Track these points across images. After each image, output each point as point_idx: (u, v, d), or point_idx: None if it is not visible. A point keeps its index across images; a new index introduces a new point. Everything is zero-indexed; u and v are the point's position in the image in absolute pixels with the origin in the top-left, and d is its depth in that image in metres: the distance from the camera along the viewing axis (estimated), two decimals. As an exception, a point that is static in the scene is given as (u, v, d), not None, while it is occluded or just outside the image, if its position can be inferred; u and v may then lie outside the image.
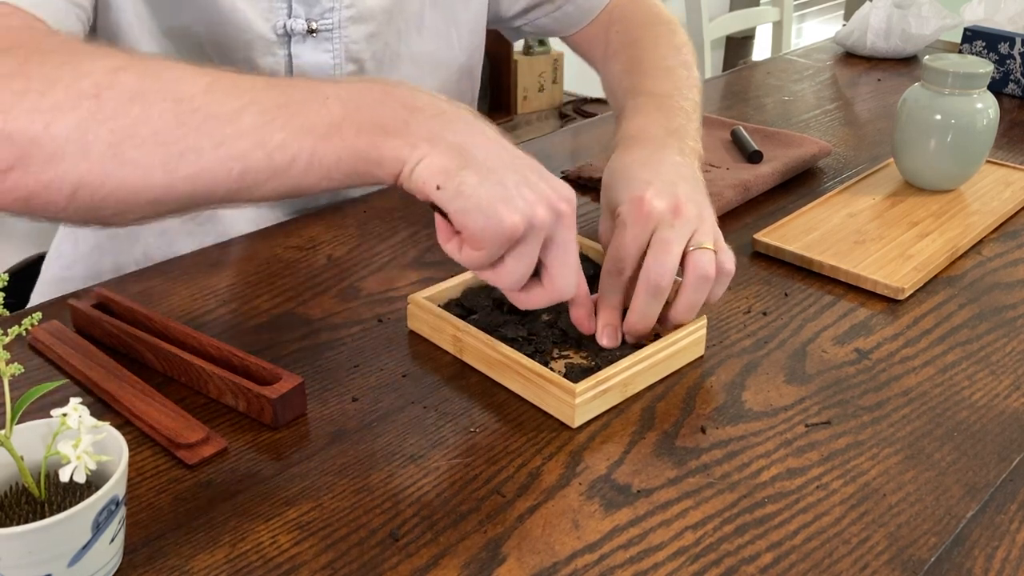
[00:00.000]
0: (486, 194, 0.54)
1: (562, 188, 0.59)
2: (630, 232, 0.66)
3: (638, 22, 0.97)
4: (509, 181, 0.55)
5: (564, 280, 0.60)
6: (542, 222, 0.56)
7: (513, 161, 0.57)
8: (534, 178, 0.57)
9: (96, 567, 0.49)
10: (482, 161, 0.55)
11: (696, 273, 0.64)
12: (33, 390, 0.49)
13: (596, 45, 1.01)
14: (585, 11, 1.00)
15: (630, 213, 0.66)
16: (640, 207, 0.66)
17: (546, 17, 1.02)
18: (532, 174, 0.58)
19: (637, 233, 0.65)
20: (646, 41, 0.93)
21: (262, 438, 0.61)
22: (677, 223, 0.65)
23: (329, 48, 0.85)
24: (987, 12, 1.42)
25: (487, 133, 0.58)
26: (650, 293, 0.64)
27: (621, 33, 0.97)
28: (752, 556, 0.52)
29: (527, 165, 0.58)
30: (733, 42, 3.41)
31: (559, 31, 1.04)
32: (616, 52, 0.95)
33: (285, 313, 0.75)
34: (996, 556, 0.52)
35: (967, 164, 0.94)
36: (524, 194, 0.55)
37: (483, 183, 0.54)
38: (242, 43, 0.82)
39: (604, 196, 0.72)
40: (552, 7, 1.01)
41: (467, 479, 0.58)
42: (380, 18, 0.88)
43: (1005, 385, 0.67)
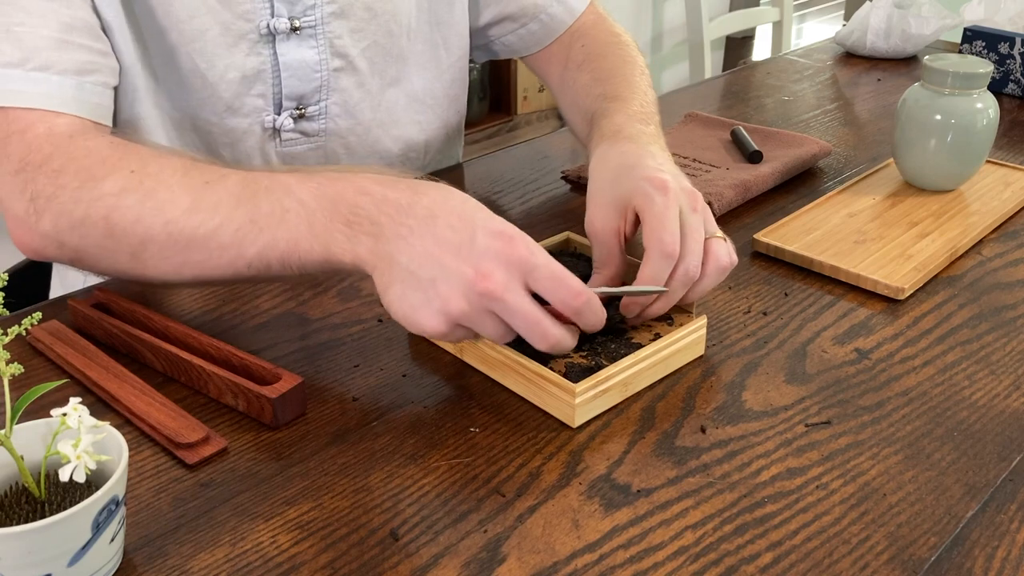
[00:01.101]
0: (407, 306, 0.59)
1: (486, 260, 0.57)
2: (669, 209, 0.65)
3: (603, 40, 0.98)
4: (424, 282, 0.58)
5: (535, 338, 0.59)
6: (461, 312, 0.57)
7: (434, 251, 0.58)
8: (455, 263, 0.57)
9: (96, 567, 0.49)
10: (404, 267, 0.59)
11: (717, 263, 0.67)
12: (33, 390, 0.49)
13: (555, 62, 1.02)
14: (551, 30, 1.01)
15: (656, 192, 0.66)
16: (666, 189, 0.66)
17: (511, 35, 1.02)
18: (454, 260, 0.58)
19: (673, 208, 0.66)
20: (613, 57, 0.95)
21: (262, 438, 0.61)
22: (697, 210, 0.67)
23: (314, 44, 0.86)
24: (987, 12, 1.42)
25: (415, 218, 0.59)
26: (684, 281, 0.65)
27: (587, 47, 0.98)
28: (752, 556, 0.52)
29: (452, 246, 0.58)
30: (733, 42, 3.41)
31: (523, 50, 1.04)
32: (581, 64, 0.96)
33: (285, 313, 0.75)
34: (996, 556, 0.52)
35: (967, 164, 0.94)
36: (440, 291, 0.58)
37: (404, 296, 0.59)
38: (225, 47, 0.82)
39: (603, 186, 0.72)
40: (516, 24, 1.01)
41: (467, 479, 0.58)
42: (362, 14, 0.88)
43: (1005, 385, 0.67)
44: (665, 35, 3.25)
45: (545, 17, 1.00)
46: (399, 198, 0.60)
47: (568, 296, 0.58)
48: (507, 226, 0.59)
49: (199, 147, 0.87)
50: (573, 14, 1.01)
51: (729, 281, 0.80)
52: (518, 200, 0.97)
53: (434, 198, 0.60)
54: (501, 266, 0.57)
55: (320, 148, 0.92)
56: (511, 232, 0.58)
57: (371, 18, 0.89)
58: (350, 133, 0.93)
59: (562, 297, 0.58)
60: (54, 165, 0.68)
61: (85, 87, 0.73)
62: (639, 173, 0.69)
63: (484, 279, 0.57)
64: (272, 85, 0.86)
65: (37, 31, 0.70)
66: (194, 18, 0.80)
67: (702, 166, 1.00)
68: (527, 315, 0.58)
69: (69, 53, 0.72)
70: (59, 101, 0.71)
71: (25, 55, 0.70)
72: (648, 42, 3.20)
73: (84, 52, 0.73)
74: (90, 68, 0.73)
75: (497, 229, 0.58)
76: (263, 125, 0.87)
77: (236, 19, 0.82)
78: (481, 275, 0.57)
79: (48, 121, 0.70)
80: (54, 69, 0.71)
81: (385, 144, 0.96)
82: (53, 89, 0.71)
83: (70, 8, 0.72)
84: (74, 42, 0.72)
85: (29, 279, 1.03)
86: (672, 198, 0.66)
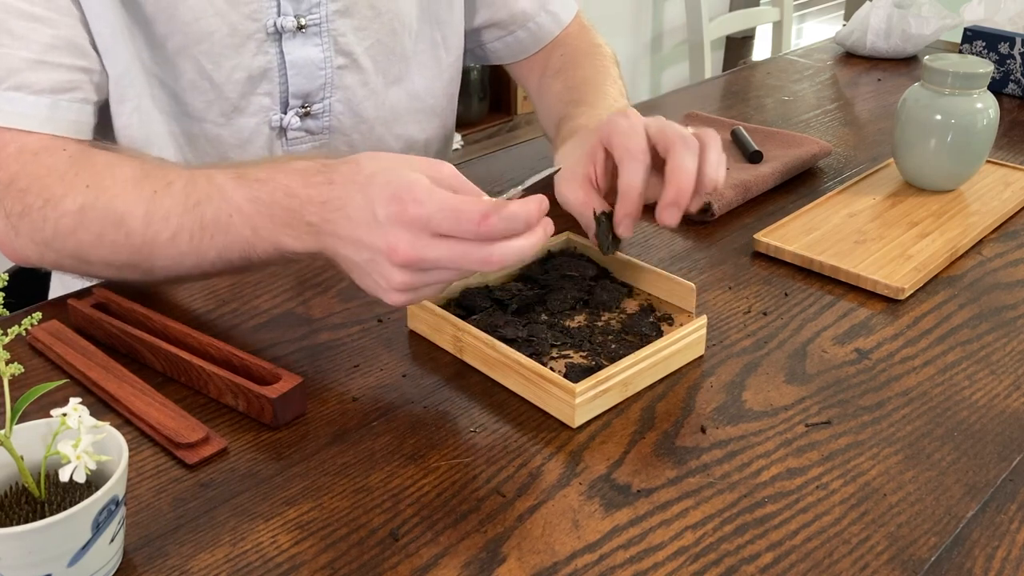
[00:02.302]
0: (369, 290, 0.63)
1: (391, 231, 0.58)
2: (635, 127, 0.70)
3: (581, 50, 1.00)
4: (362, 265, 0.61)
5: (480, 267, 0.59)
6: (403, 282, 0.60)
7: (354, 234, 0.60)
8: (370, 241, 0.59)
9: (96, 567, 0.49)
10: (345, 257, 0.62)
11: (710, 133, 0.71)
12: (33, 390, 0.49)
13: (535, 70, 1.04)
14: (537, 39, 1.03)
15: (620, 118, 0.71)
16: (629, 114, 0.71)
17: (498, 41, 1.04)
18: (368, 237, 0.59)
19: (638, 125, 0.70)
20: (588, 67, 0.97)
21: (262, 438, 0.61)
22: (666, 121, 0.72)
23: (318, 42, 0.87)
24: (987, 12, 1.42)
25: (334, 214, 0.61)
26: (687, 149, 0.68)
27: (565, 56, 1.00)
28: (752, 556, 0.52)
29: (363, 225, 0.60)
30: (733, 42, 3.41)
31: (508, 57, 1.05)
32: (557, 72, 0.98)
33: (285, 313, 0.75)
34: (996, 556, 0.52)
35: (967, 164, 0.94)
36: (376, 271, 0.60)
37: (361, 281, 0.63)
38: (233, 48, 0.82)
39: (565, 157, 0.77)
40: (504, 32, 1.02)
41: (467, 479, 0.58)
42: (366, 12, 0.89)
43: (1005, 385, 0.67)
44: (665, 35, 3.25)
45: (533, 26, 1.02)
46: (318, 195, 0.62)
47: (471, 227, 0.57)
48: (399, 184, 0.59)
49: (208, 151, 0.87)
50: (560, 24, 1.03)
51: (729, 281, 0.80)
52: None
53: (343, 184, 0.62)
54: (403, 231, 0.58)
55: (325, 146, 0.92)
56: (401, 192, 0.58)
57: (375, 16, 0.89)
58: (354, 131, 0.93)
59: (466, 230, 0.58)
60: (20, 184, 0.72)
61: (60, 105, 0.74)
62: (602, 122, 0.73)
63: (395, 252, 0.58)
64: (279, 84, 0.86)
65: (16, 52, 0.72)
66: (200, 20, 0.80)
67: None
68: (452, 257, 0.58)
69: (47, 73, 0.73)
70: (32, 120, 0.73)
71: (1, 76, 0.72)
72: (648, 42, 3.20)
73: (63, 71, 0.75)
74: (68, 86, 0.75)
75: (390, 194, 0.59)
76: (270, 124, 0.88)
77: (243, 19, 0.82)
78: (391, 248, 0.58)
79: (20, 140, 0.73)
80: (29, 89, 0.73)
81: (388, 143, 0.97)
82: (27, 109, 0.73)
83: (53, 28, 0.74)
84: (53, 62, 0.74)
85: (29, 279, 1.03)
86: (636, 119, 0.70)
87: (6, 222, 0.73)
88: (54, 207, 0.71)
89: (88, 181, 0.71)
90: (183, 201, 0.67)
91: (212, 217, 0.66)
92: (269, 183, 0.65)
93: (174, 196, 0.68)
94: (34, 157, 0.73)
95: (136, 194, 0.69)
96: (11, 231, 0.73)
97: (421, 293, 0.61)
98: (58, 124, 0.74)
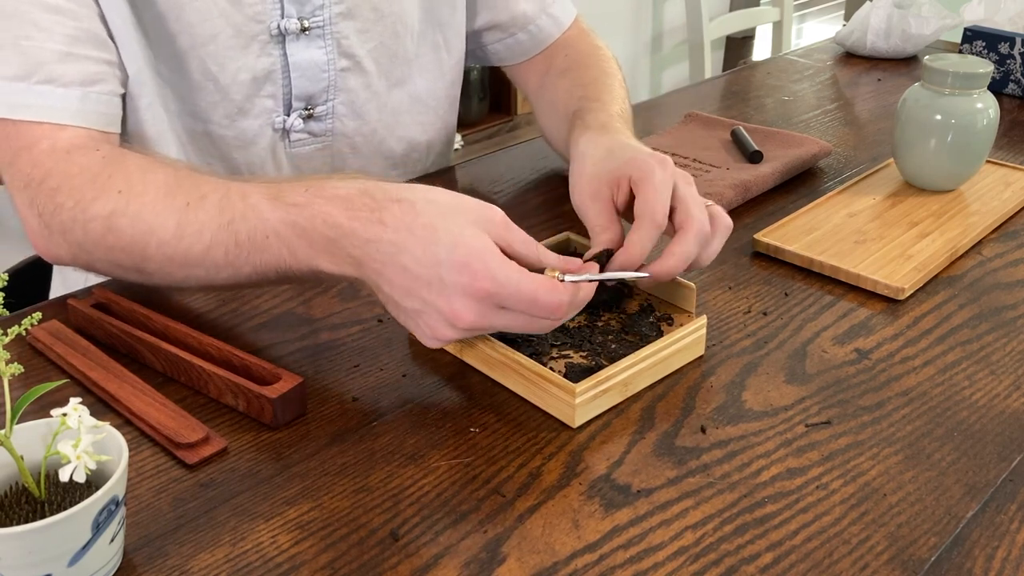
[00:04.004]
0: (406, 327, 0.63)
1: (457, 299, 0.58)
2: (666, 184, 0.68)
3: (585, 52, 1.01)
4: (411, 312, 0.61)
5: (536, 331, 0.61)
6: (452, 338, 0.60)
7: (410, 286, 0.59)
8: (431, 298, 0.59)
9: (96, 567, 0.49)
10: (388, 296, 0.61)
11: (723, 223, 0.70)
12: (33, 390, 0.49)
13: (536, 71, 1.04)
14: (538, 41, 1.03)
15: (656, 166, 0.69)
16: (666, 164, 0.69)
17: (499, 43, 1.04)
18: (428, 294, 0.59)
19: (669, 183, 0.69)
20: (595, 68, 0.97)
21: (262, 438, 0.61)
22: (692, 184, 0.70)
23: (322, 45, 0.87)
24: (987, 12, 1.42)
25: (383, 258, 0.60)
26: (697, 241, 0.68)
27: (570, 56, 1.00)
28: (752, 556, 0.52)
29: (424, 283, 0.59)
30: (733, 42, 3.41)
31: (509, 59, 1.05)
32: (564, 71, 0.98)
33: (285, 313, 0.75)
34: (996, 556, 0.52)
35: (967, 164, 0.94)
36: (427, 322, 0.60)
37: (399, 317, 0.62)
38: (238, 49, 0.82)
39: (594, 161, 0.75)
40: (504, 34, 1.02)
41: (467, 479, 0.58)
42: (369, 15, 0.89)
43: (1005, 385, 0.67)
44: (665, 35, 3.25)
45: (534, 28, 1.02)
46: (364, 231, 0.60)
47: (545, 313, 0.59)
48: (469, 252, 0.58)
49: (211, 151, 0.87)
50: (560, 28, 1.03)
51: (729, 281, 0.80)
52: (518, 200, 0.97)
53: (397, 228, 0.59)
54: (471, 303, 0.58)
55: (327, 148, 0.92)
56: (472, 262, 0.57)
57: (378, 19, 0.89)
58: (356, 133, 0.93)
59: (540, 317, 0.59)
60: (52, 183, 0.71)
61: (90, 98, 0.74)
62: (637, 151, 0.73)
63: (458, 318, 0.58)
64: (282, 86, 0.87)
65: (43, 44, 0.72)
66: (205, 22, 0.80)
67: (702, 166, 1.00)
68: (514, 327, 0.60)
69: (74, 65, 0.73)
70: (64, 114, 0.72)
71: (30, 69, 0.71)
72: (648, 42, 3.20)
73: (90, 63, 0.74)
74: (96, 78, 0.74)
75: (460, 261, 0.57)
76: (273, 126, 0.88)
77: (247, 21, 0.82)
78: (455, 315, 0.58)
79: (52, 136, 0.72)
80: (59, 82, 0.72)
81: (390, 145, 0.97)
82: (57, 102, 0.72)
83: (76, 20, 0.74)
84: (79, 54, 0.73)
85: (29, 279, 1.03)
86: (670, 174, 0.69)
87: (39, 220, 0.72)
88: (84, 210, 0.70)
89: (120, 186, 0.69)
90: (216, 217, 0.66)
91: (247, 236, 0.64)
92: (307, 208, 0.62)
93: (207, 211, 0.66)
94: (67, 156, 0.72)
95: (168, 205, 0.67)
96: (44, 229, 0.72)
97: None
98: (88, 116, 0.74)
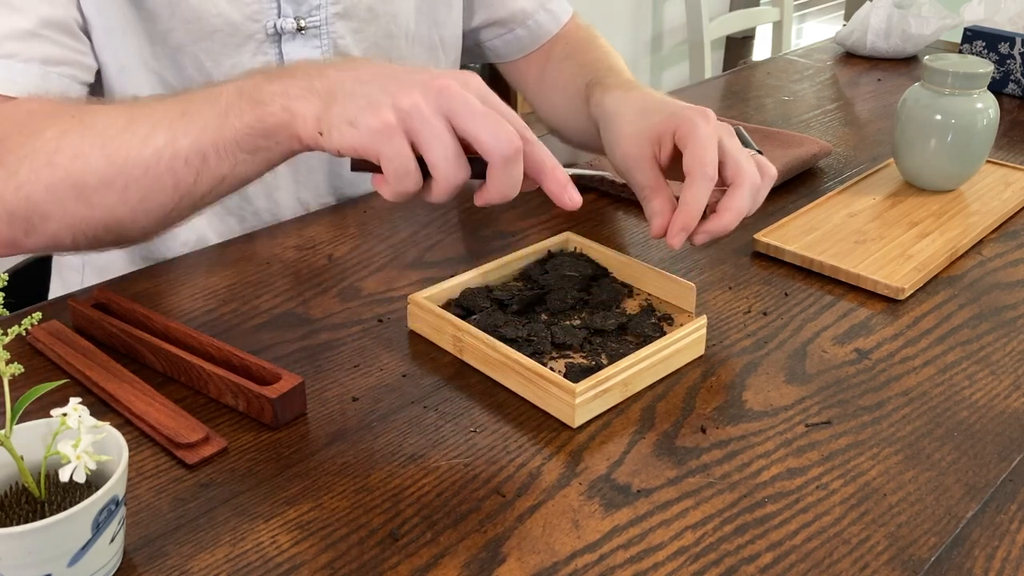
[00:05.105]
0: (352, 111, 0.57)
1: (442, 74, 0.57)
2: (711, 138, 0.68)
3: (586, 39, 1.01)
4: (374, 90, 0.57)
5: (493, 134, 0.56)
6: (413, 105, 0.56)
7: (385, 70, 0.58)
8: (409, 77, 0.57)
9: (96, 567, 0.49)
10: (350, 90, 0.58)
11: (769, 172, 0.71)
12: (33, 390, 0.49)
13: (534, 66, 1.04)
14: (536, 36, 1.03)
15: (699, 120, 0.68)
16: (709, 117, 0.69)
17: (498, 39, 1.04)
18: (409, 75, 0.58)
19: (714, 136, 0.68)
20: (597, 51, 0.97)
21: (262, 438, 0.61)
22: (734, 137, 0.70)
23: (317, 44, 0.87)
24: (987, 12, 1.42)
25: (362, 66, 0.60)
26: (751, 194, 0.68)
27: (570, 44, 1.01)
28: (752, 556, 0.52)
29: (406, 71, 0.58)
30: (733, 42, 3.41)
31: (507, 55, 1.05)
32: (566, 57, 0.99)
33: (285, 313, 0.75)
34: (996, 556, 0.52)
35: (967, 164, 0.94)
36: (391, 90, 0.56)
37: (348, 106, 0.57)
38: (233, 47, 0.83)
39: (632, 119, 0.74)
40: (504, 29, 1.03)
41: (467, 479, 0.58)
42: (364, 15, 0.89)
43: (1005, 385, 0.67)
44: (665, 35, 3.25)
45: (532, 24, 1.02)
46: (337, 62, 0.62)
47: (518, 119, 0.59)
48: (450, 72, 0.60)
49: None
50: (558, 23, 1.03)
51: (729, 281, 0.80)
52: (518, 200, 0.96)
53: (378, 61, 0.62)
54: (457, 79, 0.58)
55: None
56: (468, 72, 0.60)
57: (372, 19, 0.90)
58: None
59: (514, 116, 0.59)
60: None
61: (51, 76, 0.73)
62: (676, 105, 0.72)
63: (440, 79, 0.57)
64: None
65: (11, 22, 0.72)
66: (202, 19, 0.80)
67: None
68: (487, 112, 0.57)
69: (39, 45, 0.73)
70: (20, 87, 0.72)
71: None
72: (648, 42, 3.20)
73: (56, 47, 0.74)
74: (59, 60, 0.74)
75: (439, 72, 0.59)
76: None
77: (244, 19, 0.82)
78: (436, 78, 0.57)
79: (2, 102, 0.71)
80: (19, 57, 0.72)
81: None
82: (17, 76, 0.72)
83: (52, 7, 0.74)
84: (47, 36, 0.73)
85: (29, 279, 1.03)
86: (714, 126, 0.69)
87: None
88: (34, 141, 0.67)
89: (74, 112, 0.68)
90: (173, 99, 0.65)
91: (200, 100, 0.63)
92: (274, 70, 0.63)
93: (165, 100, 0.66)
94: (14, 106, 0.71)
95: (123, 108, 0.67)
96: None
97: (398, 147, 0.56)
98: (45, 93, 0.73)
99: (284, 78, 0.61)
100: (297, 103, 0.60)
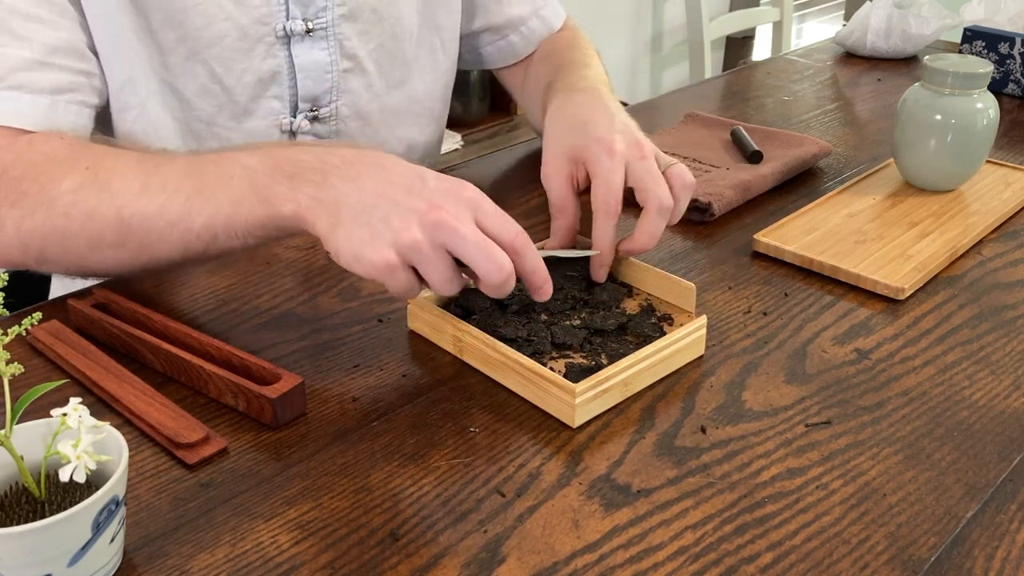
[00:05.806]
0: (356, 241, 0.59)
1: (438, 196, 0.60)
2: (614, 173, 0.71)
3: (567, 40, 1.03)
4: (376, 218, 0.59)
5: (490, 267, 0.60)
6: (412, 241, 0.59)
7: (386, 190, 0.60)
8: (407, 200, 0.59)
9: (96, 567, 0.49)
10: (353, 207, 0.60)
11: (683, 182, 0.73)
12: (33, 390, 0.49)
13: (520, 70, 1.05)
14: (529, 43, 1.04)
15: (603, 155, 0.71)
16: (612, 148, 0.72)
17: (491, 45, 1.04)
18: (406, 197, 0.60)
19: (618, 171, 0.71)
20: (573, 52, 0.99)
21: (262, 438, 0.61)
22: (645, 157, 0.72)
23: (325, 46, 0.87)
24: (987, 12, 1.42)
25: (364, 166, 0.62)
26: (660, 214, 0.71)
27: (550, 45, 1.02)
28: (752, 556, 0.52)
29: (403, 187, 0.60)
30: (733, 42, 3.41)
31: (500, 61, 1.06)
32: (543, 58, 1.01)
33: (285, 313, 0.75)
34: (996, 556, 0.52)
35: (967, 164, 0.94)
36: (392, 223, 0.59)
37: (351, 233, 0.60)
38: (243, 51, 0.83)
39: (558, 136, 0.76)
40: (498, 36, 1.03)
41: (467, 479, 0.58)
42: (369, 17, 0.89)
43: (1005, 385, 0.67)
44: (665, 35, 3.25)
45: (525, 30, 1.03)
46: (344, 153, 0.63)
47: (512, 233, 0.61)
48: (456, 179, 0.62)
49: None
50: (550, 29, 1.04)
51: (729, 281, 0.80)
52: (518, 200, 0.97)
53: (380, 155, 0.63)
54: (452, 201, 0.60)
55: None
56: (460, 180, 0.62)
57: (377, 21, 0.90)
58: (359, 134, 0.94)
59: (508, 232, 0.61)
60: (15, 173, 0.70)
61: (59, 106, 0.74)
62: (591, 131, 0.74)
63: (436, 210, 0.59)
64: (288, 87, 0.87)
65: (17, 52, 0.72)
66: (211, 24, 0.81)
67: (702, 166, 1.00)
68: (480, 243, 0.59)
69: (47, 73, 0.73)
70: (30, 120, 0.72)
71: (1, 75, 0.71)
72: (648, 42, 3.20)
73: (64, 73, 0.74)
74: (67, 87, 0.75)
75: (446, 176, 0.62)
76: (280, 128, 0.88)
77: (253, 23, 0.83)
78: (433, 207, 0.59)
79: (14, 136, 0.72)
80: (28, 88, 0.72)
81: (391, 145, 0.98)
82: (25, 108, 0.72)
83: (56, 30, 0.74)
84: (54, 63, 0.74)
85: (29, 279, 1.03)
86: (618, 160, 0.71)
87: None
88: (51, 190, 0.69)
89: (88, 163, 0.69)
90: (186, 169, 0.66)
91: (212, 180, 0.65)
92: (291, 147, 0.65)
93: (177, 166, 0.67)
94: (29, 145, 0.71)
95: (137, 168, 0.68)
96: None
97: (403, 276, 0.60)
98: (55, 124, 0.74)
99: (293, 179, 0.63)
100: (307, 213, 0.62)
